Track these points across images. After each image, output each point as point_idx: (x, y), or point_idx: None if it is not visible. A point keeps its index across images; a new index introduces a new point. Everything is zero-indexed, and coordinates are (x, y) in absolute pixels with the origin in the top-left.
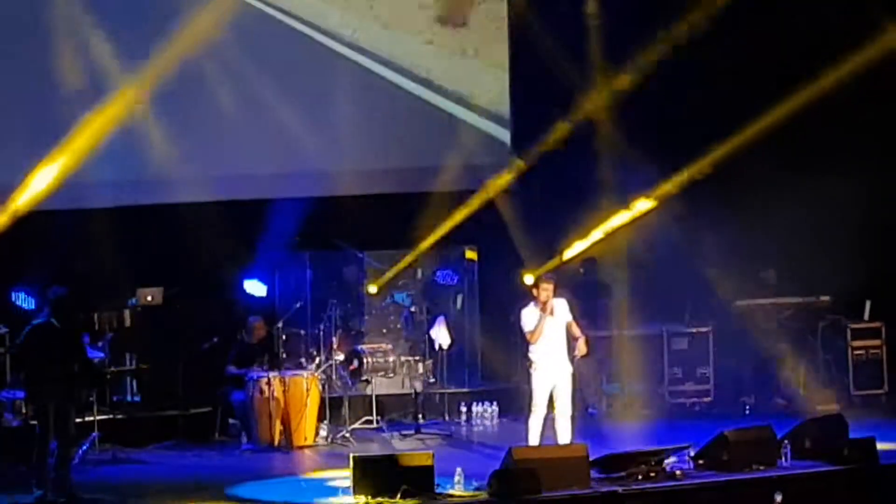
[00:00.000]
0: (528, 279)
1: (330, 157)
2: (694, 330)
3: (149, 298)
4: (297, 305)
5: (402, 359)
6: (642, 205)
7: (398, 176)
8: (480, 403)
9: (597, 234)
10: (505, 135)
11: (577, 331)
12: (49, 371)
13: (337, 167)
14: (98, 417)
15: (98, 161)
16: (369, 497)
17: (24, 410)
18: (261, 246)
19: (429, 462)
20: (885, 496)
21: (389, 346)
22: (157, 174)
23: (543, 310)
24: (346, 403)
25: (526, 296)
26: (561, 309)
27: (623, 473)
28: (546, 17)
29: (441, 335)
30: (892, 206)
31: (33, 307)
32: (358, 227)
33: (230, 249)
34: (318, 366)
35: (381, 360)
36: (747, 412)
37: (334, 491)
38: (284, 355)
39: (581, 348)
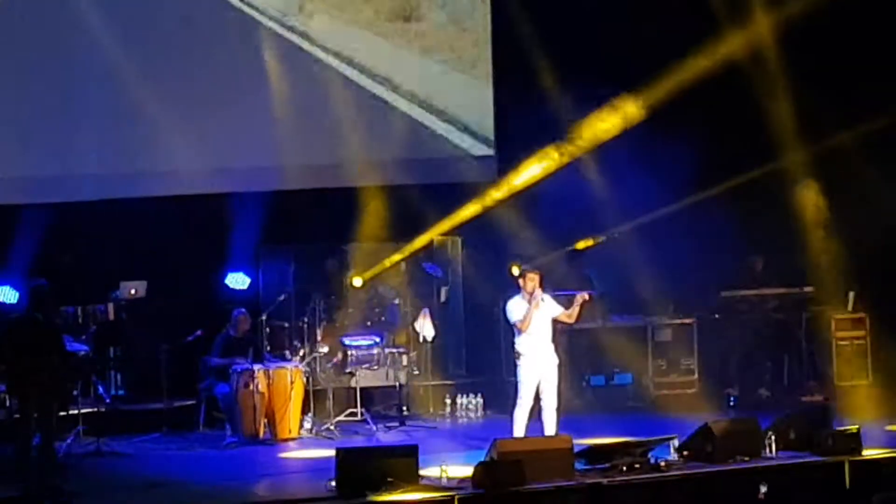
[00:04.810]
0: (515, 270)
1: (316, 151)
2: (678, 321)
3: (132, 292)
4: (281, 298)
5: (387, 351)
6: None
7: (384, 169)
8: (465, 395)
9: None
10: (489, 129)
11: (569, 310)
12: (30, 364)
13: (322, 160)
14: (82, 410)
15: (81, 154)
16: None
17: (6, 404)
18: (244, 239)
19: (414, 454)
20: (869, 486)
21: (374, 338)
22: (141, 168)
23: (531, 300)
24: (331, 396)
25: (511, 287)
26: (548, 302)
27: (608, 465)
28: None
29: (426, 327)
30: (876, 196)
31: (15, 301)
32: (341, 221)
33: (213, 242)
34: (303, 358)
35: (366, 352)
36: (732, 403)
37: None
38: (268, 348)
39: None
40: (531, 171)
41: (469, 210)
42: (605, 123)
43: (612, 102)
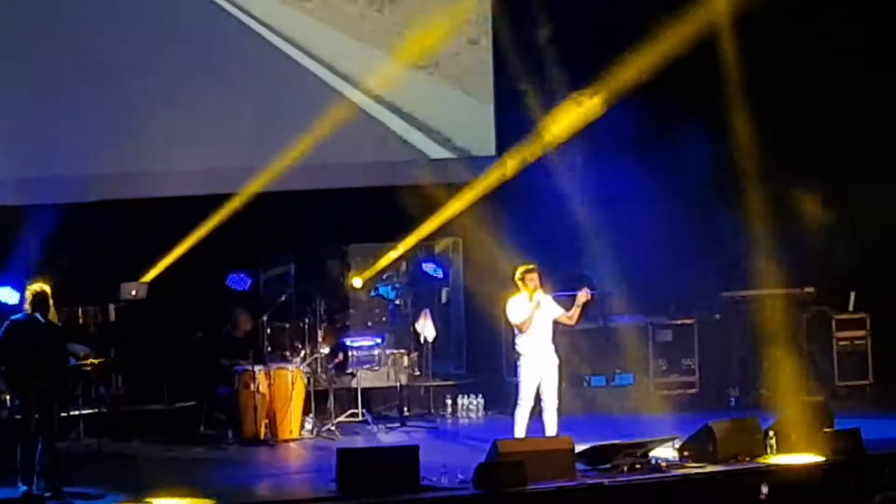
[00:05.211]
0: (515, 271)
1: (317, 151)
2: (678, 322)
3: (133, 293)
4: (282, 299)
5: (388, 352)
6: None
7: (382, 169)
8: (466, 396)
9: None
10: (489, 128)
11: (569, 311)
12: (31, 365)
13: (321, 161)
14: (83, 411)
15: (81, 155)
16: None
17: (7, 404)
18: (245, 239)
19: (414, 455)
20: (871, 486)
21: (375, 339)
22: (141, 168)
23: (532, 300)
24: (332, 397)
25: (511, 287)
26: (548, 303)
27: (609, 465)
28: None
29: (426, 328)
30: (876, 196)
31: (16, 302)
32: (342, 221)
33: (214, 243)
34: (304, 359)
35: (367, 353)
36: (732, 404)
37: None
38: (269, 349)
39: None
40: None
41: (460, 207)
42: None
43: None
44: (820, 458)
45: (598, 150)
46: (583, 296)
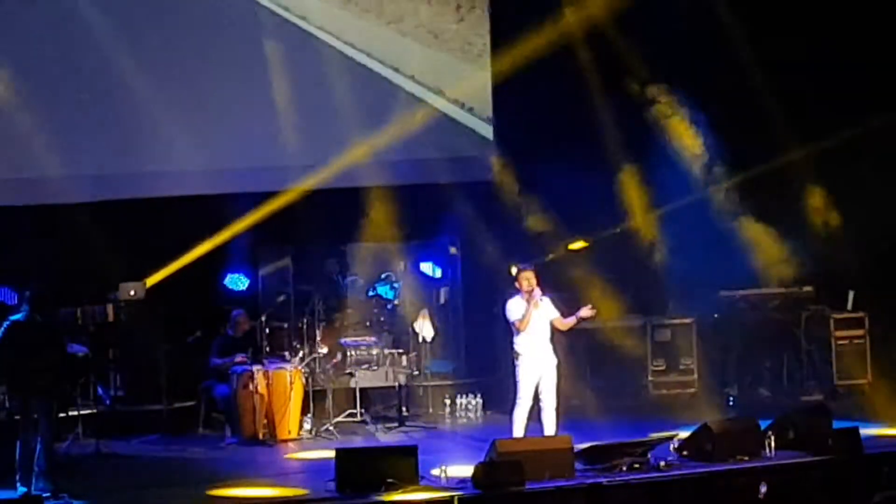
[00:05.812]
0: (513, 270)
1: (312, 152)
2: (677, 321)
3: (131, 293)
4: (280, 299)
5: (386, 352)
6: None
7: (385, 170)
8: (465, 396)
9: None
10: (487, 128)
11: (566, 317)
12: (30, 366)
13: (319, 161)
14: (82, 412)
15: (81, 155)
16: None
17: (6, 405)
18: (243, 239)
19: (413, 455)
20: (869, 486)
21: (373, 339)
22: (141, 168)
23: (529, 299)
24: (330, 396)
25: (510, 287)
26: (546, 303)
27: (607, 465)
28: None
29: (425, 328)
30: (875, 196)
31: (15, 302)
32: (341, 221)
33: (212, 243)
34: (302, 359)
35: (365, 352)
36: (731, 403)
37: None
38: (268, 349)
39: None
40: None
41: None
42: None
43: None
44: (818, 458)
45: (596, 148)
46: (586, 311)
